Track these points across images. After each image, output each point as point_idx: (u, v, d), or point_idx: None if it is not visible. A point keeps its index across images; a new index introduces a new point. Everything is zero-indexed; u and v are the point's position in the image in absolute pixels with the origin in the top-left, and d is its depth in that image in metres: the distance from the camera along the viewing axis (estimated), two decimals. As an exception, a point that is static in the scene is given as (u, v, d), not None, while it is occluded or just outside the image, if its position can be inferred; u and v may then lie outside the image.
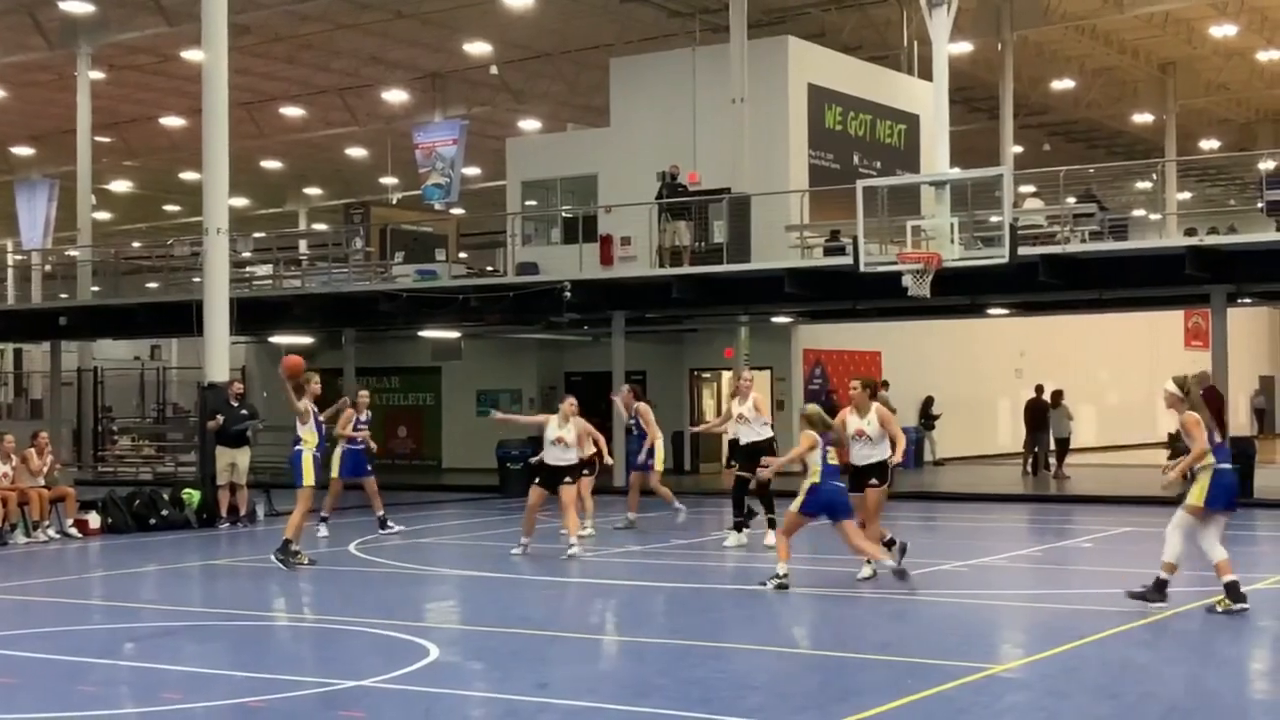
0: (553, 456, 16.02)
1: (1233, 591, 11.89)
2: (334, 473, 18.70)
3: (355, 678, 9.60)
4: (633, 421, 19.45)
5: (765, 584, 13.28)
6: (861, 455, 13.96)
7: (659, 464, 19.27)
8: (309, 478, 15.43)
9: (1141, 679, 9.72)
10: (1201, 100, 42.69)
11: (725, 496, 18.59)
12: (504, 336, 32.48)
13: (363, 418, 19.01)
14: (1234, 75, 41.32)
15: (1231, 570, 11.95)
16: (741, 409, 16.87)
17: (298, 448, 15.58)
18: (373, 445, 19.15)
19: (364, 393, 20.47)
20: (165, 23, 31.31)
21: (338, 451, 18.66)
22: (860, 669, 9.96)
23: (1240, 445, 23.85)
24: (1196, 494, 12.02)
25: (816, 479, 13.03)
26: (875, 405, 14.17)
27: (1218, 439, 12.11)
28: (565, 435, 15.99)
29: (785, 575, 13.27)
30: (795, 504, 13.22)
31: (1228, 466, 12.07)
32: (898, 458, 13.91)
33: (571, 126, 35.44)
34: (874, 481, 13.93)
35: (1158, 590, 12.05)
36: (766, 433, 16.91)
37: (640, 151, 29.06)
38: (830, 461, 13.14)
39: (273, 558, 15.34)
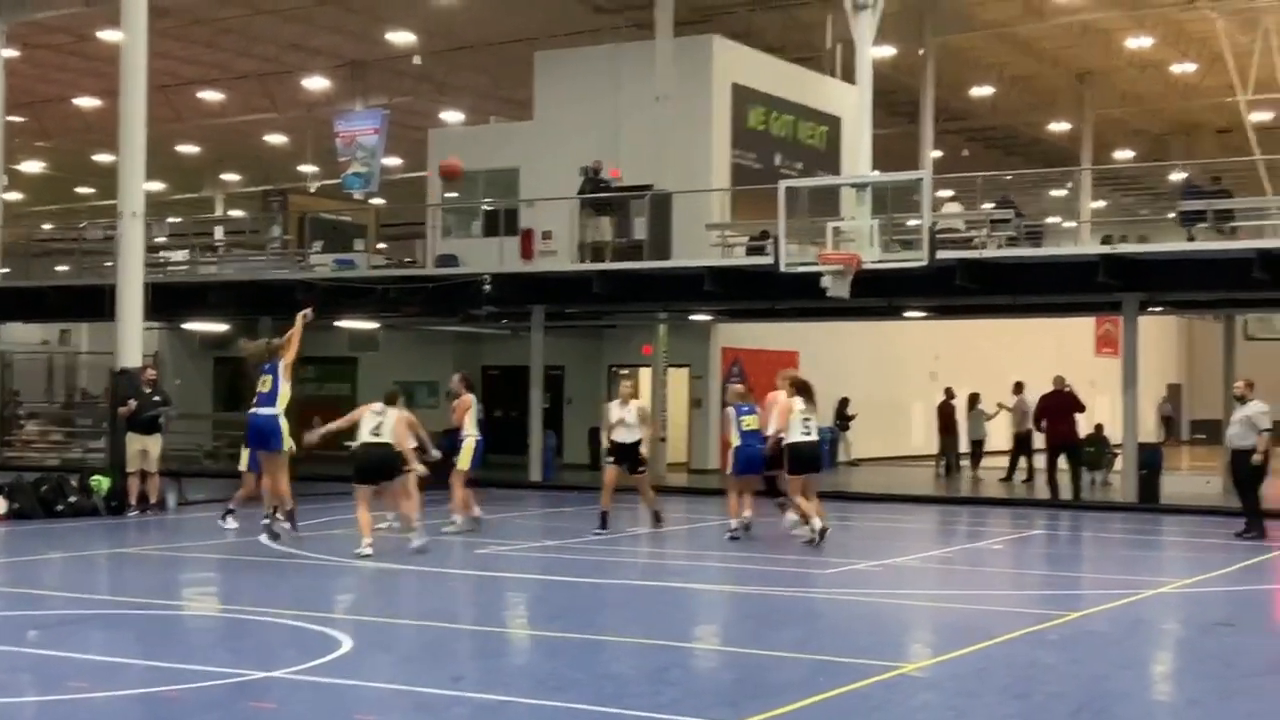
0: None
1: None
2: (243, 465, 18.33)
3: (267, 668, 9.51)
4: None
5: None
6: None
7: (463, 462, 17.93)
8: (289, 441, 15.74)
9: (1049, 679, 9.85)
10: (1117, 110, 43.32)
11: (630, 494, 18.61)
12: (422, 328, 32.29)
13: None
14: (1149, 87, 41.96)
15: None
16: (623, 413, 17.75)
17: (271, 411, 15.56)
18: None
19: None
20: (83, 2, 30.77)
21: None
22: (775, 666, 10.01)
23: (1146, 452, 24.35)
24: None
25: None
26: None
27: None
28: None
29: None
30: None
31: None
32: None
33: (494, 119, 35.30)
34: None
35: None
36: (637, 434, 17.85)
37: (563, 146, 28.99)
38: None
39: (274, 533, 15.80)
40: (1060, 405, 24.70)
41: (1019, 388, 29.18)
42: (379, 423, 15.56)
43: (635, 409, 17.73)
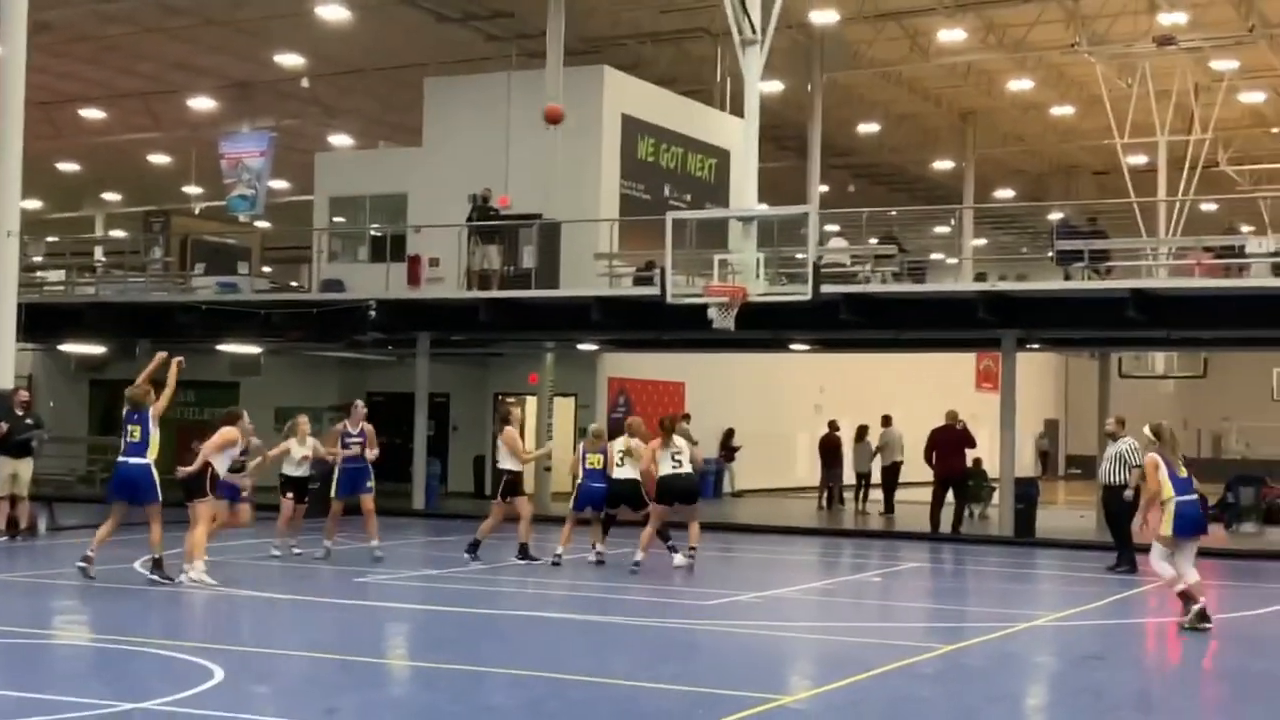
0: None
1: (1202, 615, 13.47)
2: (332, 492, 18.24)
3: (138, 699, 9.33)
4: (357, 440, 18.24)
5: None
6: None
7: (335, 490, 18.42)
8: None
9: (922, 712, 9.97)
10: (999, 150, 44.22)
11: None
12: (306, 353, 31.96)
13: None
14: (1029, 128, 42.92)
15: (1201, 594, 13.48)
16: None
17: (142, 460, 15.02)
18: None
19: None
20: (-39, 15, 30.15)
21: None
22: (652, 697, 10.02)
23: (1023, 486, 24.78)
24: (1165, 525, 13.58)
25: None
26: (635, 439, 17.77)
27: (1181, 474, 13.63)
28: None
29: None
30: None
31: (1189, 498, 13.68)
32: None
33: (383, 144, 35.12)
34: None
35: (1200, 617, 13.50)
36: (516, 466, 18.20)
37: (452, 173, 28.90)
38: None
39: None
40: (951, 439, 24.90)
41: (887, 421, 29.59)
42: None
43: (630, 448, 17.78)
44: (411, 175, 30.42)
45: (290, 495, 18.25)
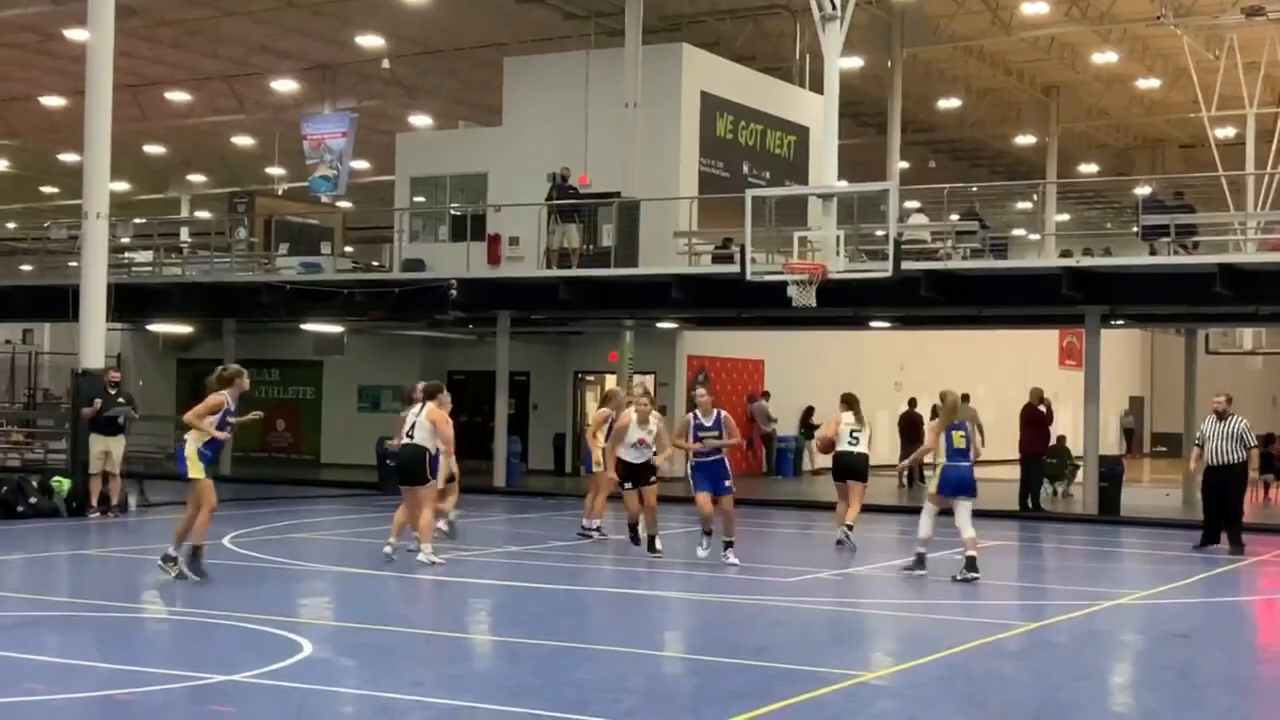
0: (633, 456, 16.23)
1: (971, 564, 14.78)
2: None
3: (226, 672, 9.48)
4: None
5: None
6: (640, 457, 16.17)
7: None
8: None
9: (1006, 689, 9.91)
10: (1082, 124, 43.64)
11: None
12: (388, 332, 32.24)
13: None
14: (1114, 101, 42.31)
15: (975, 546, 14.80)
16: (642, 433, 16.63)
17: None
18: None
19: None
20: (50, 1, 30.64)
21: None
22: (735, 673, 10.04)
23: (1108, 464, 24.51)
24: (932, 484, 15.31)
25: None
26: (655, 416, 16.38)
27: (957, 445, 15.08)
28: (645, 436, 16.22)
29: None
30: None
31: (957, 464, 15.04)
32: (661, 461, 16.34)
33: (463, 124, 35.28)
34: (653, 479, 16.26)
35: (919, 563, 15.21)
36: None
37: (531, 152, 29.00)
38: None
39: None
40: (1035, 418, 24.82)
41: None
42: (641, 434, 16.14)
43: (655, 425, 16.31)
44: (491, 155, 30.55)
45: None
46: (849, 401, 18.21)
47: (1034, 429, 24.75)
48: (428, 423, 15.27)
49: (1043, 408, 24.95)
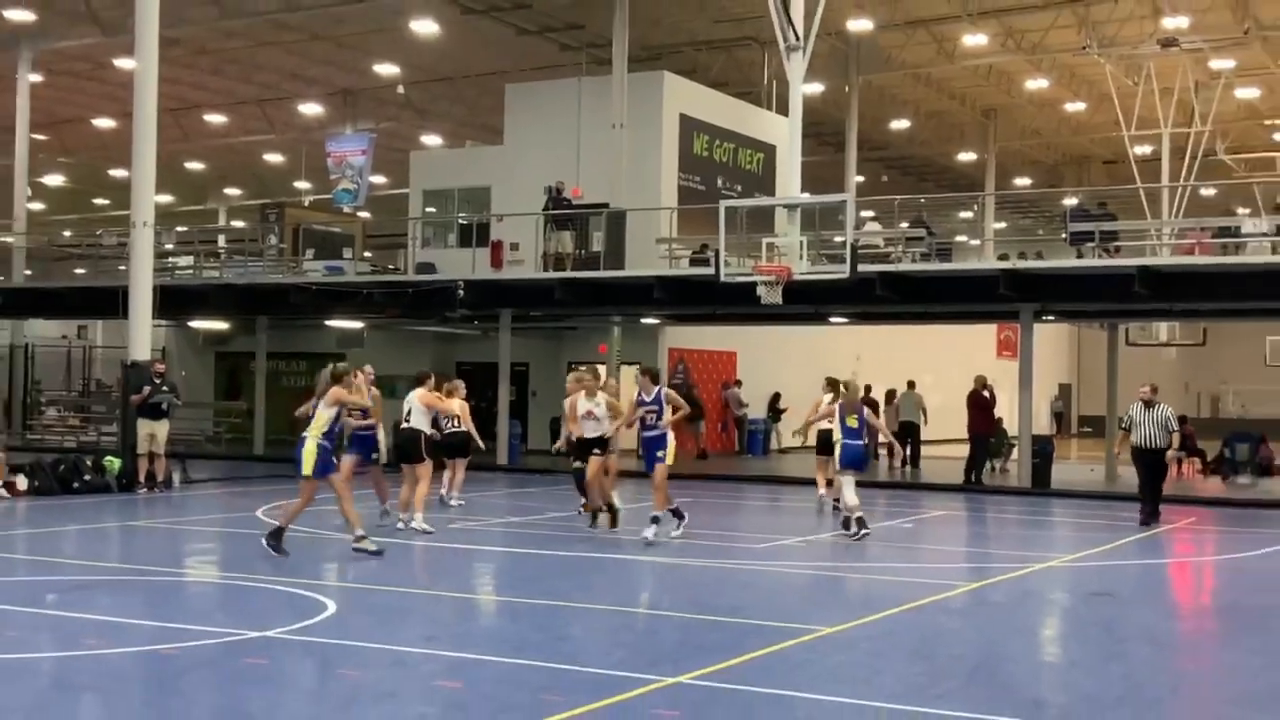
0: (587, 430, 15.48)
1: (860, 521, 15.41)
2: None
3: (260, 629, 9.48)
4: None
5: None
6: (593, 430, 15.48)
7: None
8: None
9: (950, 643, 9.94)
10: (1017, 143, 43.70)
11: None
12: (403, 328, 32.17)
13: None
14: (1045, 123, 42.39)
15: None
16: (590, 405, 15.67)
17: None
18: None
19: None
20: (101, 33, 30.50)
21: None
22: (710, 629, 10.05)
23: (1040, 443, 24.57)
24: (835, 461, 16.07)
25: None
26: (603, 393, 15.73)
27: (850, 424, 15.74)
28: (595, 409, 15.43)
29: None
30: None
31: (852, 442, 15.75)
32: (611, 430, 15.48)
33: (469, 143, 35.21)
34: (596, 451, 15.46)
35: (859, 525, 15.41)
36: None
37: (530, 168, 28.95)
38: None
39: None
40: (979, 402, 24.95)
41: (911, 385, 29.46)
42: (590, 407, 15.52)
43: (604, 401, 15.66)
44: (494, 170, 30.50)
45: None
46: (833, 384, 18.19)
47: (978, 412, 24.85)
48: (421, 406, 15.15)
49: (986, 393, 25.02)
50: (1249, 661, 9.48)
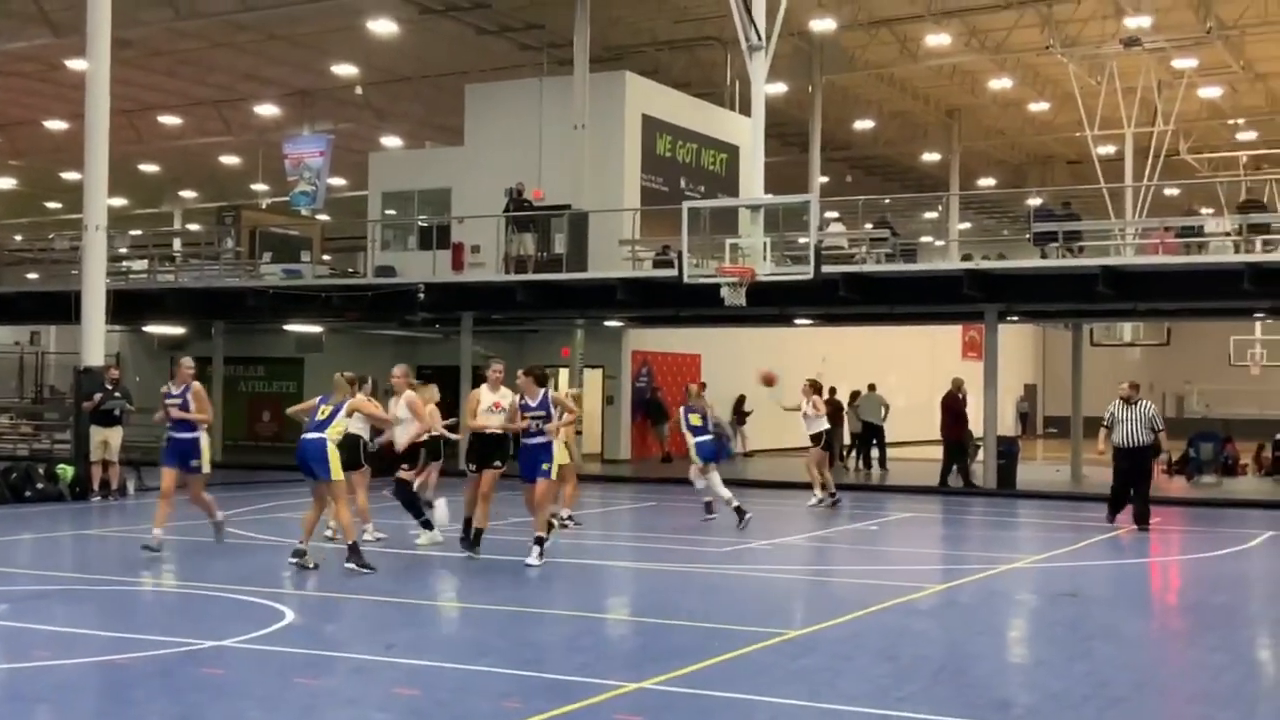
0: (490, 422, 13.74)
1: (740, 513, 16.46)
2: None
3: (216, 638, 9.40)
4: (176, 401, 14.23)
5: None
6: (494, 423, 13.68)
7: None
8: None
9: (916, 644, 9.98)
10: (981, 143, 43.93)
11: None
12: (363, 332, 32.04)
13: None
14: (1009, 123, 42.62)
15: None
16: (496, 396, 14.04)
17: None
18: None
19: None
20: (52, 34, 30.20)
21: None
22: (674, 634, 10.05)
23: (1006, 444, 24.71)
24: (693, 456, 17.41)
25: None
26: (505, 389, 13.76)
27: (694, 423, 17.39)
28: (499, 399, 13.78)
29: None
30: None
31: (700, 439, 17.39)
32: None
33: (429, 144, 35.10)
34: (497, 464, 13.69)
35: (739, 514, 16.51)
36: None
37: (491, 169, 28.89)
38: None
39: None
40: (953, 405, 24.96)
41: (872, 388, 29.58)
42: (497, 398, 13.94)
43: (509, 393, 13.83)
44: (455, 172, 30.42)
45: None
46: (815, 387, 20.63)
47: (952, 416, 24.83)
48: (359, 411, 13.80)
49: (961, 395, 25.11)
50: (1212, 659, 9.57)
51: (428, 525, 15.10)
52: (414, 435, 14.50)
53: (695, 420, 17.41)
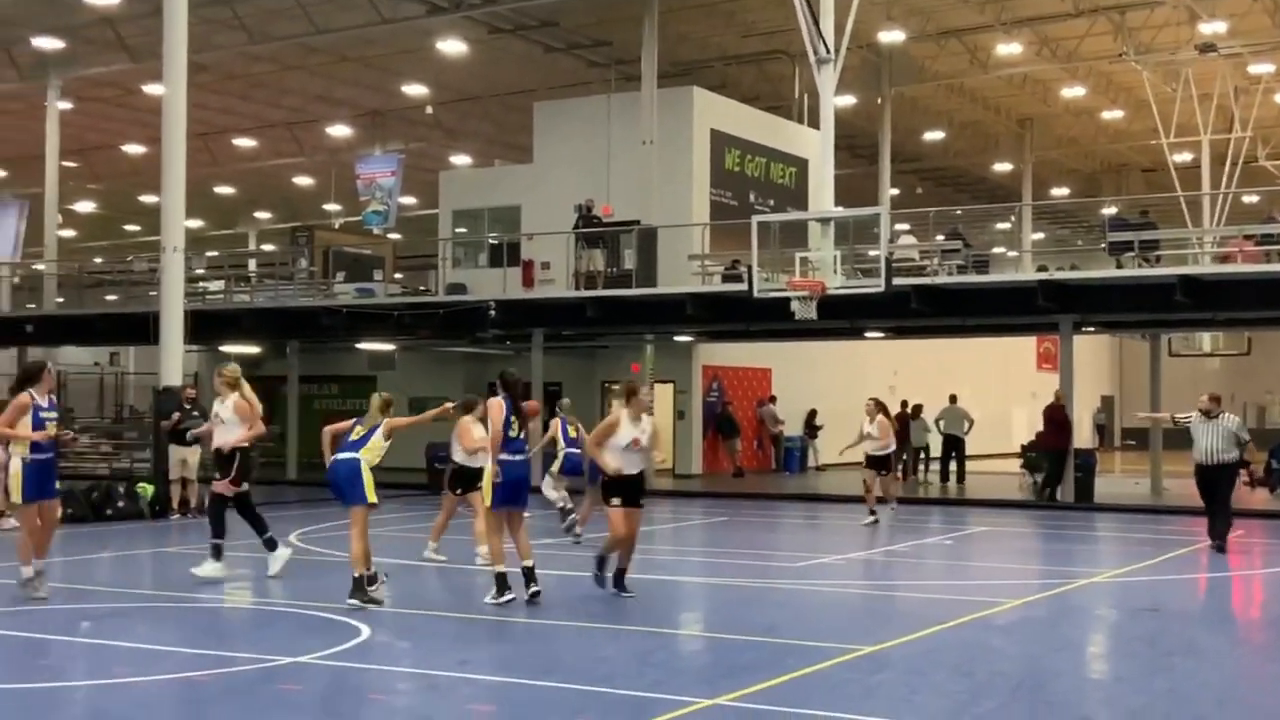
0: (628, 465, 12.14)
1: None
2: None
3: (293, 655, 9.51)
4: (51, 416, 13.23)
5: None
6: (634, 465, 12.23)
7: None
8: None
9: (992, 660, 9.88)
10: (1054, 152, 43.51)
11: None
12: (434, 349, 32.29)
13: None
14: (1082, 131, 42.19)
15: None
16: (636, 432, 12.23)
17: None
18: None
19: None
20: (129, 59, 30.84)
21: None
22: (747, 649, 10.02)
23: (1083, 457, 24.39)
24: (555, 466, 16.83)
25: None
26: (648, 416, 12.29)
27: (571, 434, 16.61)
28: (641, 437, 12.14)
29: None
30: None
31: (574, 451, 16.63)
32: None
33: (499, 162, 35.34)
34: (642, 502, 12.50)
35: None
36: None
37: (560, 186, 29.05)
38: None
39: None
40: (1056, 416, 24.45)
41: (953, 399, 29.35)
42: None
43: (650, 426, 12.27)
44: (524, 189, 30.61)
45: None
46: (879, 405, 20.19)
47: (1054, 426, 24.28)
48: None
49: (1064, 409, 24.59)
50: (1299, 676, 9.38)
51: (272, 545, 13.90)
52: (239, 439, 13.50)
53: (572, 432, 17.23)
